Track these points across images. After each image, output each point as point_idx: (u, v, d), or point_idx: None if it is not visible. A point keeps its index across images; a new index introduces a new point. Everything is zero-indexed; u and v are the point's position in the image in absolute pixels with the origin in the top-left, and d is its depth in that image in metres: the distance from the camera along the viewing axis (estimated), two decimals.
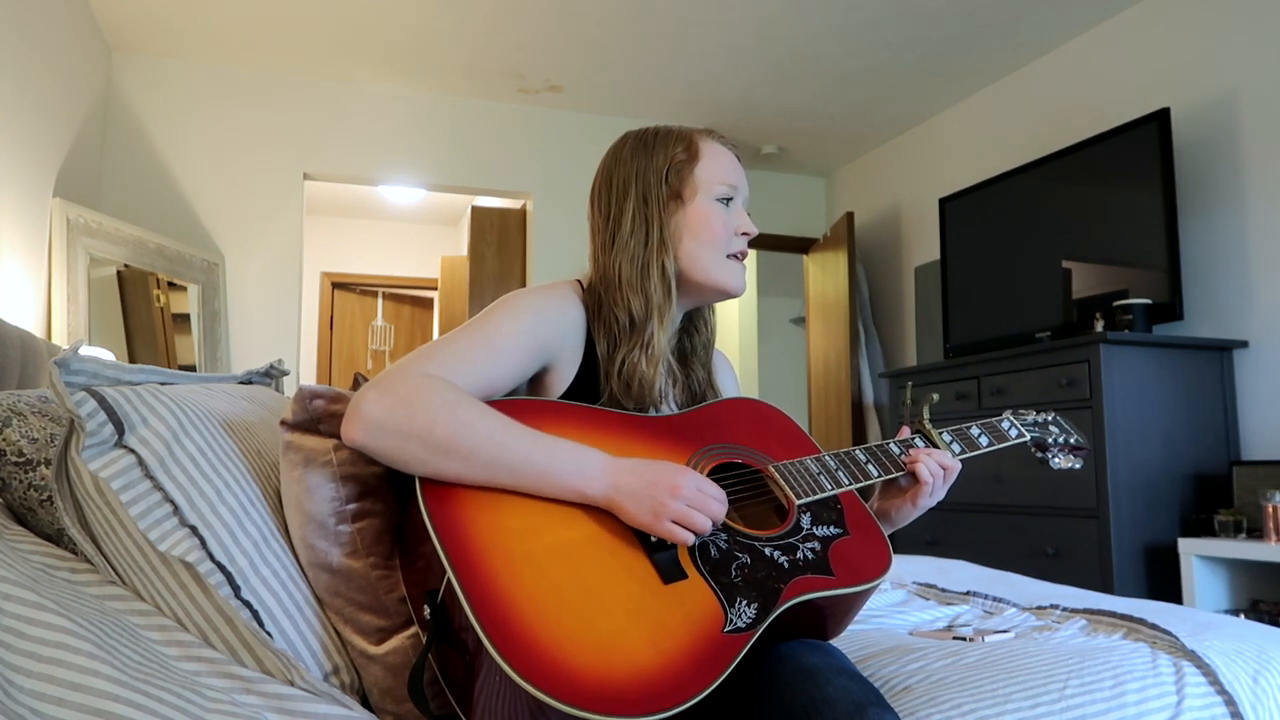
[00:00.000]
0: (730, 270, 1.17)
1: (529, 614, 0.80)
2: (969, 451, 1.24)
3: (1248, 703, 1.08)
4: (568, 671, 0.76)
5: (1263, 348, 2.99)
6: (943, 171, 4.47)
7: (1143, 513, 2.85)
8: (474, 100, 4.50)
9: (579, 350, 1.12)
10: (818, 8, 3.53)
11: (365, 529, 0.97)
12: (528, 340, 1.05)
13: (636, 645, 0.81)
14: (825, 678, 0.85)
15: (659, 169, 1.17)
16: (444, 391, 0.93)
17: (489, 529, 0.87)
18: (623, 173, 1.20)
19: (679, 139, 1.19)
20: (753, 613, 0.89)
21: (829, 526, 1.05)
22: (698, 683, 0.79)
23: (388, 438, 0.89)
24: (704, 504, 0.92)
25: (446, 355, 0.99)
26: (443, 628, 0.84)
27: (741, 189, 1.20)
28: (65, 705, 0.71)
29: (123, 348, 3.46)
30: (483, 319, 1.05)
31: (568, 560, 0.87)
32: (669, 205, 1.16)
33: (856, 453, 1.15)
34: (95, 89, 3.74)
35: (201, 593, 0.86)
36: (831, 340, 4.85)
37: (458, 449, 0.89)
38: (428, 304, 7.02)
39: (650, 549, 0.91)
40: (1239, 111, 3.08)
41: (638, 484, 0.92)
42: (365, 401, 0.90)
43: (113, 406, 0.92)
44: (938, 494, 1.16)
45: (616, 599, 0.85)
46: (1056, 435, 1.35)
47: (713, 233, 1.16)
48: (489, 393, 1.00)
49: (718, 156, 1.19)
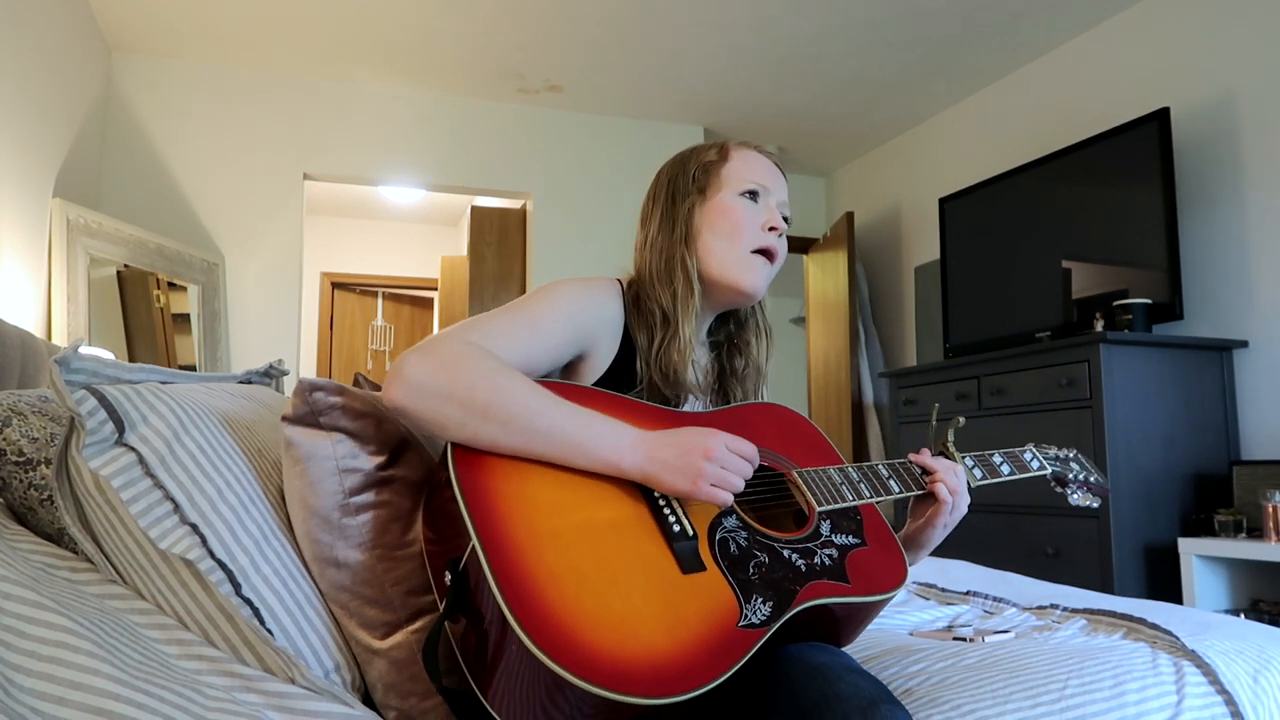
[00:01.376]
0: (748, 265, 1.18)
1: (550, 589, 0.81)
2: (990, 478, 1.26)
3: (1248, 702, 1.08)
4: (584, 647, 0.77)
5: (1263, 348, 2.99)
6: (943, 171, 4.47)
7: (1143, 513, 2.85)
8: (474, 100, 4.50)
9: (615, 343, 1.14)
10: (818, 8, 3.53)
11: (370, 521, 0.97)
12: (567, 325, 1.08)
13: (652, 630, 0.82)
14: (836, 674, 0.86)
15: (689, 171, 1.22)
16: (485, 359, 0.95)
17: (517, 502, 0.88)
18: (661, 180, 1.26)
19: (712, 146, 1.24)
20: (767, 610, 0.89)
21: (847, 536, 1.05)
22: (709, 672, 0.80)
23: (429, 399, 0.90)
24: (734, 463, 0.94)
25: (489, 329, 1.01)
26: (461, 596, 0.84)
27: (774, 190, 1.22)
28: (66, 704, 0.71)
29: (123, 348, 3.46)
30: (526, 300, 1.08)
31: (590, 541, 0.88)
32: (695, 201, 1.20)
33: (879, 467, 1.15)
34: (95, 89, 3.73)
35: (202, 590, 0.86)
36: (831, 340, 4.85)
37: (496, 414, 0.90)
38: (428, 304, 7.02)
39: (671, 538, 0.91)
40: (1239, 111, 3.08)
41: (671, 454, 0.93)
42: (408, 364, 0.92)
43: (113, 405, 0.92)
44: (958, 512, 1.17)
45: (635, 584, 0.85)
46: (1077, 473, 1.36)
47: (731, 223, 1.18)
48: (527, 371, 1.02)
49: (748, 159, 1.22)
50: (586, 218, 4.57)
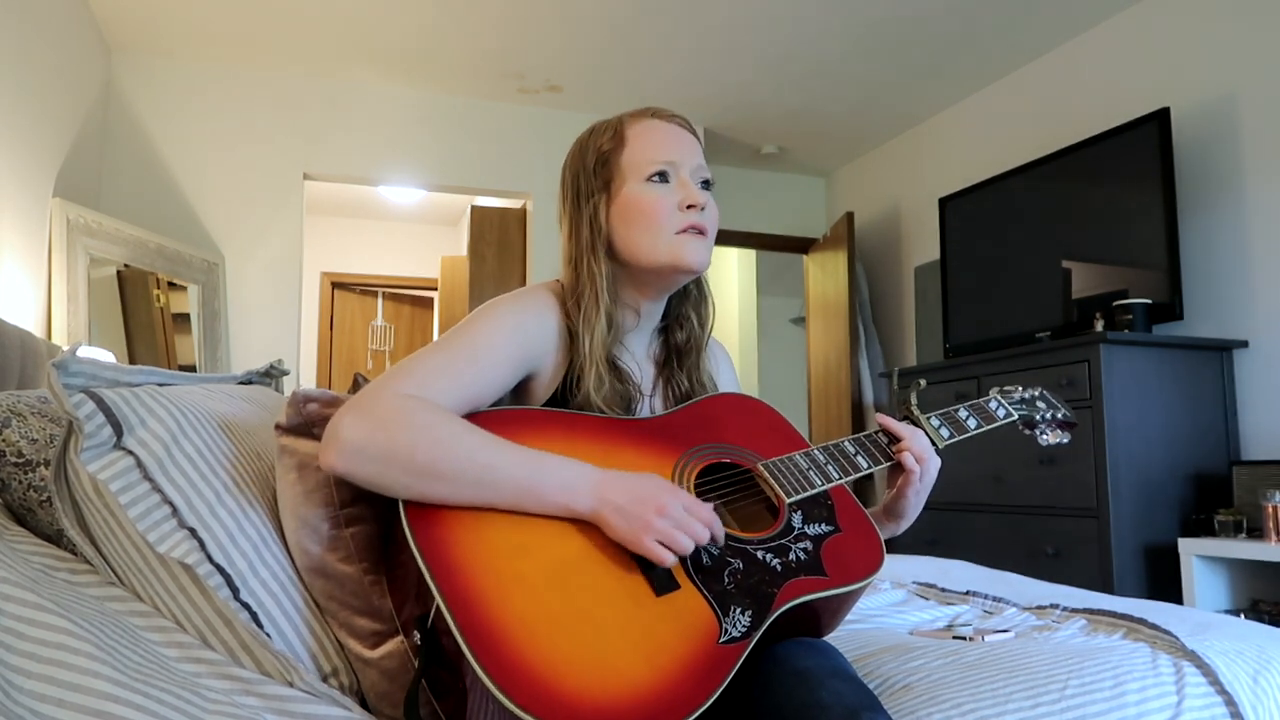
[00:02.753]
0: (680, 245, 1.08)
1: (521, 637, 0.78)
2: (957, 435, 1.22)
3: (1248, 703, 1.08)
4: (563, 696, 0.75)
5: (1263, 348, 2.98)
6: (942, 171, 4.47)
7: (1143, 513, 2.85)
8: (474, 100, 4.50)
9: (563, 353, 1.09)
10: (818, 8, 3.53)
11: (358, 534, 0.96)
12: (510, 350, 1.02)
13: (631, 662, 0.80)
14: (819, 681, 0.85)
15: (587, 165, 1.12)
16: (423, 412, 0.90)
17: (476, 550, 0.85)
18: (564, 178, 1.16)
19: (608, 129, 1.13)
20: (747, 620, 0.88)
21: (820, 524, 1.03)
22: (695, 698, 0.79)
23: (368, 464, 0.87)
24: (688, 526, 0.89)
25: (427, 371, 0.95)
26: (434, 653, 0.83)
27: (683, 161, 1.11)
28: (65, 706, 0.71)
29: (123, 348, 3.46)
30: (462, 330, 1.01)
31: (558, 579, 0.85)
32: (600, 199, 1.10)
33: (845, 444, 1.12)
34: (95, 89, 3.73)
35: (200, 594, 0.86)
36: (831, 340, 4.85)
37: (441, 472, 0.86)
38: (428, 304, 7.02)
39: (641, 560, 0.90)
40: (1239, 111, 3.07)
41: (625, 500, 0.89)
42: (342, 426, 0.87)
43: (111, 408, 0.92)
44: (928, 478, 1.13)
45: (609, 616, 0.84)
46: (1044, 411, 1.33)
47: (645, 215, 1.08)
48: (474, 406, 0.98)
49: (646, 135, 1.12)
50: None
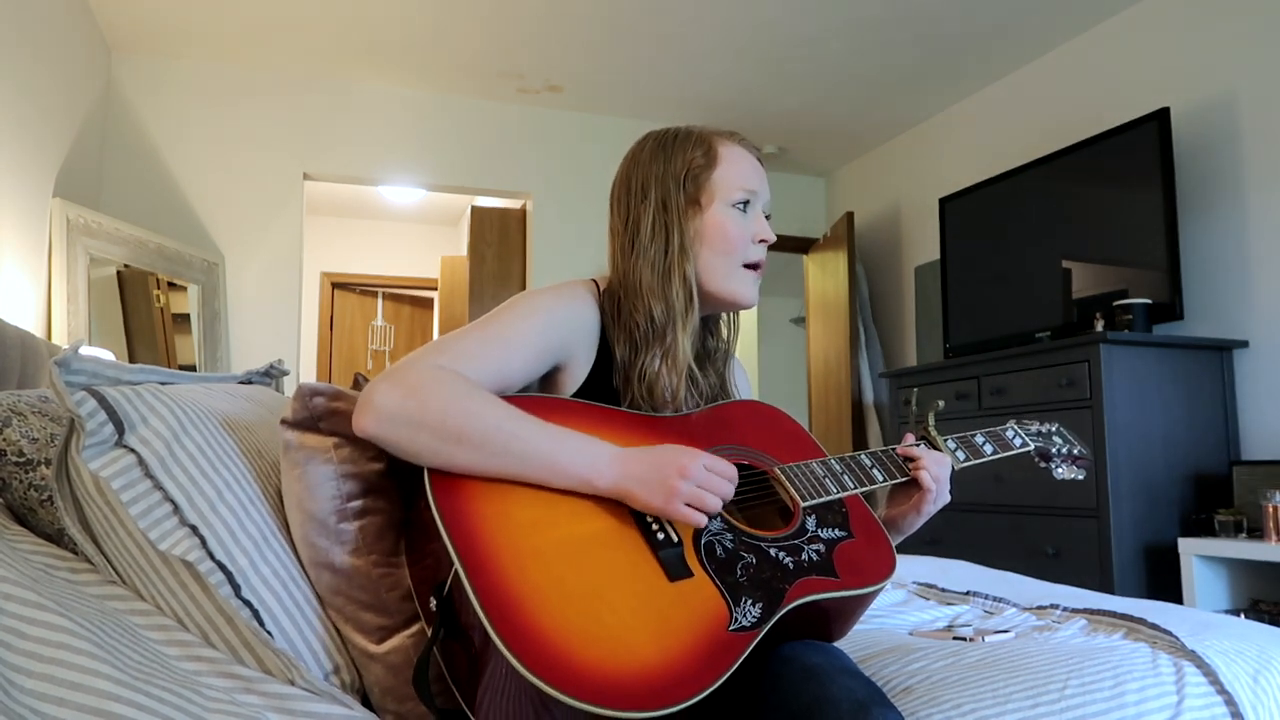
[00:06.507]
0: (743, 280, 1.17)
1: (535, 608, 0.80)
2: (973, 459, 1.25)
3: (1248, 703, 1.08)
4: (573, 665, 0.76)
5: (1263, 348, 2.99)
6: (942, 171, 4.47)
7: (1143, 513, 2.85)
8: (474, 100, 4.50)
9: (593, 351, 1.12)
10: (818, 8, 3.53)
11: (367, 527, 0.97)
12: (541, 339, 1.06)
13: (641, 641, 0.81)
14: (829, 677, 0.85)
15: (677, 174, 1.16)
16: (455, 382, 0.93)
17: (497, 522, 0.87)
18: (641, 175, 1.18)
19: (698, 142, 1.18)
20: (757, 612, 0.89)
21: (834, 529, 1.05)
22: (701, 680, 0.80)
23: (400, 428, 0.90)
24: (713, 483, 0.92)
25: (460, 350, 0.99)
26: (449, 620, 0.84)
27: (761, 193, 1.19)
28: (66, 705, 0.71)
29: (123, 348, 3.46)
30: (497, 316, 1.05)
31: (574, 555, 0.87)
32: (687, 211, 1.15)
33: (862, 457, 1.15)
34: (95, 89, 3.73)
35: (202, 592, 0.86)
36: (831, 340, 4.85)
37: (469, 438, 0.89)
38: (428, 304, 7.02)
39: (656, 546, 0.91)
40: (1239, 111, 3.08)
41: (646, 470, 0.92)
42: (377, 393, 0.91)
43: (113, 406, 0.92)
44: (941, 500, 1.17)
45: (622, 595, 0.85)
46: (1060, 446, 1.36)
47: (729, 241, 1.15)
48: (501, 389, 1.00)
49: (737, 161, 1.18)
50: (586, 218, 4.57)
